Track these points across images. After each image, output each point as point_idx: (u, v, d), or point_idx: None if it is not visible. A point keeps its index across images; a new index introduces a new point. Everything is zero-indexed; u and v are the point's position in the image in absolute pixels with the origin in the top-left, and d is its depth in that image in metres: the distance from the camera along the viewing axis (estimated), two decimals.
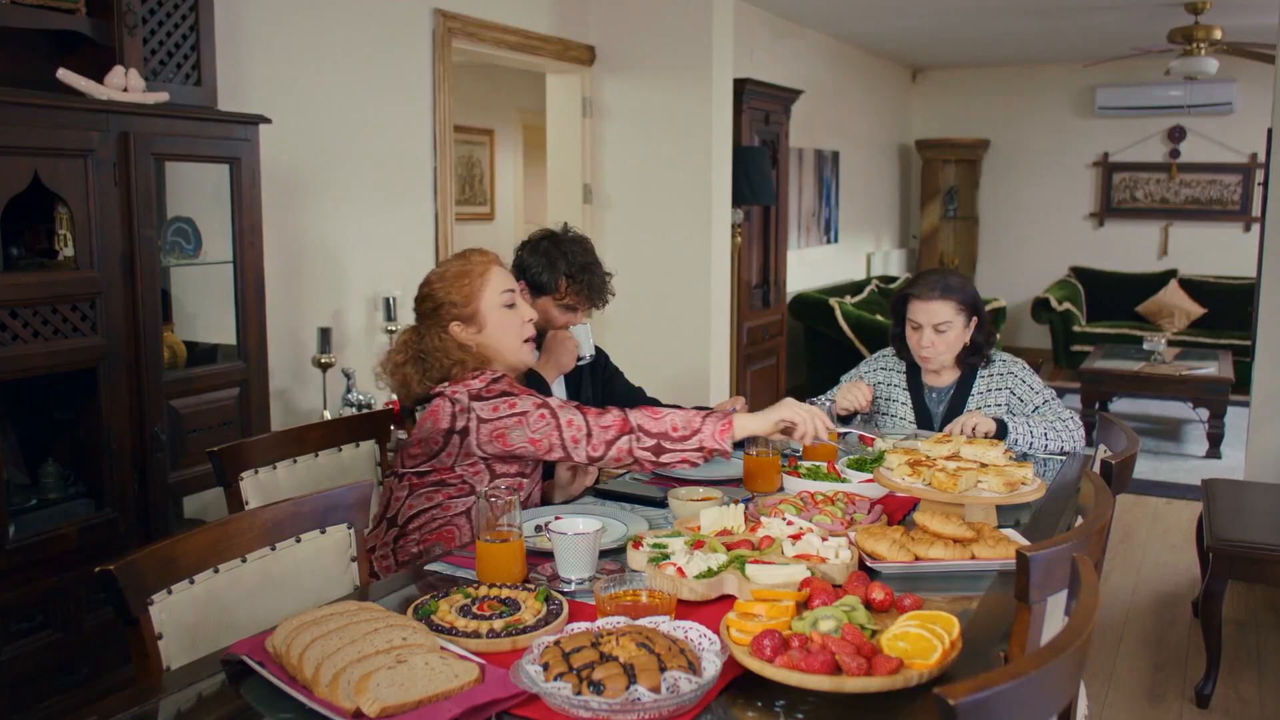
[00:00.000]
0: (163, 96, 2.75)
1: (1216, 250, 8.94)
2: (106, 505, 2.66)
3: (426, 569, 1.92)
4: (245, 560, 1.75)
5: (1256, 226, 7.36)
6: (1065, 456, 2.74)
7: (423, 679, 1.34)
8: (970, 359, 2.95)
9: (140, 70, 2.75)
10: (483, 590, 1.67)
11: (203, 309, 3.13)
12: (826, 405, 2.64)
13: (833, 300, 6.86)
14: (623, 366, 3.04)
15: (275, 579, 1.80)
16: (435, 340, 2.23)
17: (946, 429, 2.75)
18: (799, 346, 7.15)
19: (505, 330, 2.28)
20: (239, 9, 3.38)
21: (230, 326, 3.02)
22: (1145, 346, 6.78)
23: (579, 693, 1.30)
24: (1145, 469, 5.77)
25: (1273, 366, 4.38)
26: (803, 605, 1.54)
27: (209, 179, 2.97)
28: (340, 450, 2.51)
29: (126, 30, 2.75)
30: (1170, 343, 7.57)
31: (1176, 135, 9.02)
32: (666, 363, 5.12)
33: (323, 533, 1.88)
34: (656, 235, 5.19)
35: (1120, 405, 7.16)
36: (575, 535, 1.77)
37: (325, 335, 3.62)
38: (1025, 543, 1.86)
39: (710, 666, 1.37)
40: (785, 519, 1.90)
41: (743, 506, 1.97)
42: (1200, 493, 3.78)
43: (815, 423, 2.15)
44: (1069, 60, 9.01)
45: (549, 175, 5.42)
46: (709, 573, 1.69)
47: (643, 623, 1.48)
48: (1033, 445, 2.73)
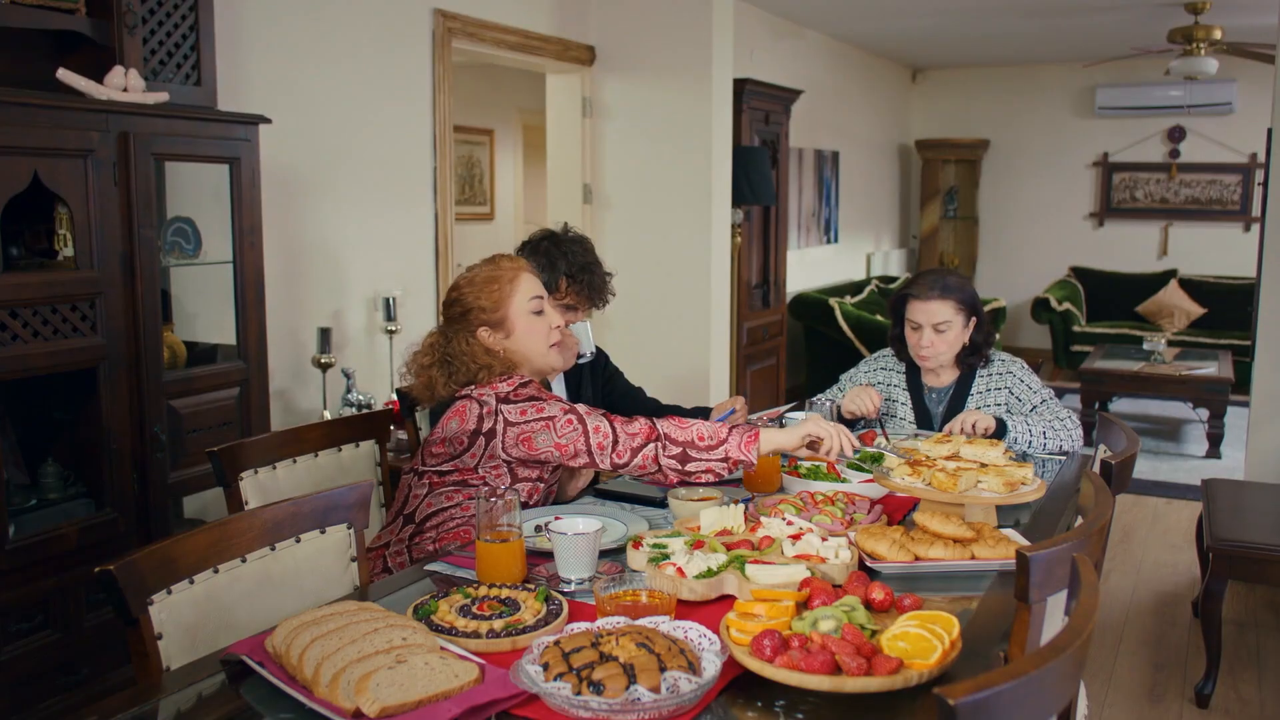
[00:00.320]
0: (162, 96, 2.75)
1: (1216, 250, 8.94)
2: (106, 505, 2.66)
3: (426, 569, 1.92)
4: (245, 560, 1.76)
5: (1256, 226, 7.37)
6: (1064, 456, 2.74)
7: (423, 679, 1.34)
8: (969, 359, 2.95)
9: (140, 70, 2.76)
10: (482, 590, 1.67)
11: (203, 309, 3.13)
12: (827, 405, 2.63)
13: (833, 300, 6.86)
14: (623, 366, 3.04)
15: (275, 579, 1.80)
16: (463, 344, 2.22)
17: (946, 427, 2.75)
18: (799, 346, 7.15)
19: (533, 336, 2.28)
20: (239, 9, 3.38)
21: (230, 326, 3.02)
22: (1145, 346, 6.78)
23: (579, 693, 1.30)
24: (1145, 469, 5.77)
25: (1273, 366, 4.38)
26: (803, 605, 1.54)
27: (209, 179, 2.97)
28: (340, 450, 2.51)
29: (126, 30, 2.75)
30: (1170, 343, 7.57)
31: (1176, 135, 9.02)
32: (666, 363, 5.12)
33: (322, 533, 1.88)
34: (656, 235, 5.19)
35: (1120, 405, 7.16)
36: (575, 535, 1.77)
37: (325, 335, 3.63)
38: (1025, 543, 1.87)
39: (710, 666, 1.37)
40: (785, 519, 1.90)
41: (742, 506, 1.97)
42: (1200, 493, 3.78)
43: (841, 439, 2.13)
44: (1069, 60, 9.01)
45: (549, 175, 5.42)
46: (709, 573, 1.69)
47: (643, 623, 1.48)
48: (1031, 444, 2.74)
